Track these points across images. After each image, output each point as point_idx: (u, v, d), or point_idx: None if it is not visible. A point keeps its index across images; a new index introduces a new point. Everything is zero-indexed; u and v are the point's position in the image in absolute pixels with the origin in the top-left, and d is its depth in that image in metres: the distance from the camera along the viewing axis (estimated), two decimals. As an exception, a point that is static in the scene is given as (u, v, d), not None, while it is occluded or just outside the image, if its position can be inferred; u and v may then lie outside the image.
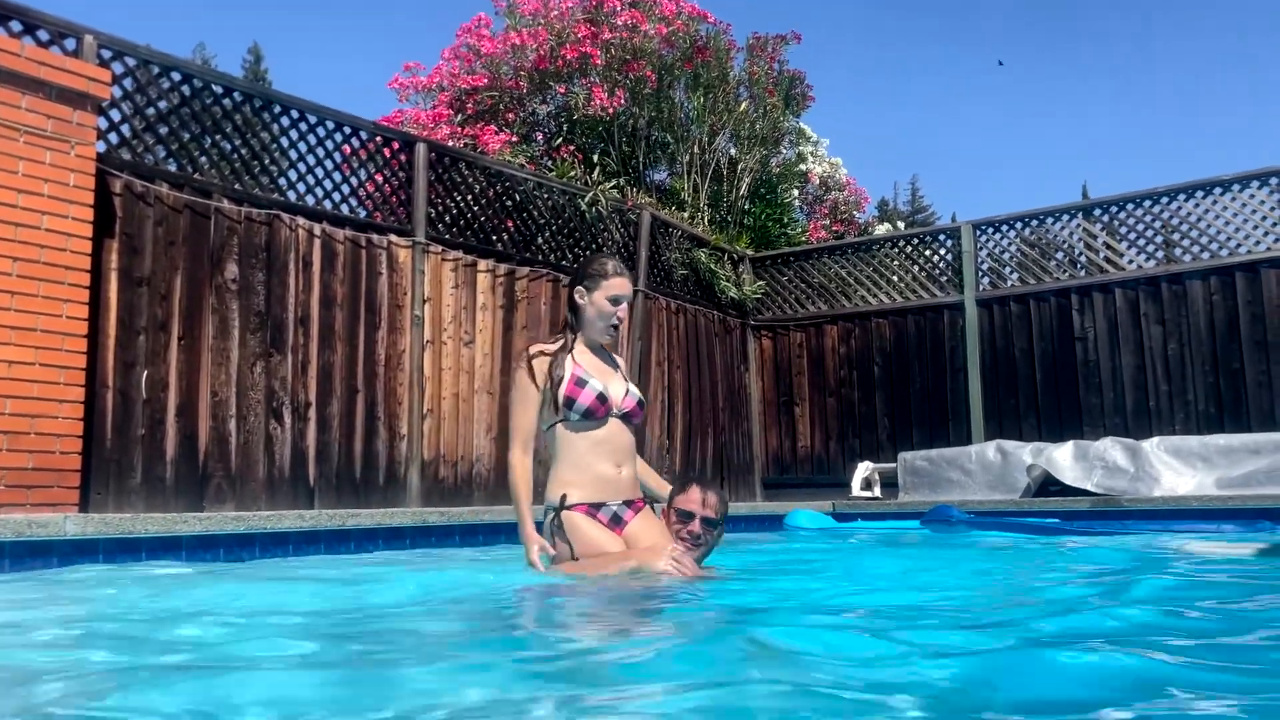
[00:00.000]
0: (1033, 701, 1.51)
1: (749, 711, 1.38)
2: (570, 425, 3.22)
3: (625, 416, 3.29)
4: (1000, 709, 1.48)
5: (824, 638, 2.05)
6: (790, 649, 1.91)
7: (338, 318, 6.03)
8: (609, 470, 3.23)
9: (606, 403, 3.22)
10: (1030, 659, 1.83)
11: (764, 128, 10.84)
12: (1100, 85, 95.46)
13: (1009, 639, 2.07)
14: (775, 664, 1.78)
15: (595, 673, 1.76)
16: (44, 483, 4.33)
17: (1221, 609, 2.61)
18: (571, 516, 3.19)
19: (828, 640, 2.01)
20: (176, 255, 5.25)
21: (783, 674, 1.65)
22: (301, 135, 6.06)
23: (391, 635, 2.22)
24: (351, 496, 5.95)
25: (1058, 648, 1.88)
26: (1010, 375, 8.60)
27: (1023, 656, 1.87)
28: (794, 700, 1.44)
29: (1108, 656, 1.72)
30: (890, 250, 9.54)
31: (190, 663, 1.83)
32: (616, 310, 3.31)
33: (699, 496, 3.22)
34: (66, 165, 4.56)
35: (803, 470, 9.58)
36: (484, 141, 8.84)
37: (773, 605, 2.80)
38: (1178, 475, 6.85)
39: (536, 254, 7.53)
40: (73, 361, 4.52)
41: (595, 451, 3.22)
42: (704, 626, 2.39)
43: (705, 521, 3.20)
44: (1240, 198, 7.82)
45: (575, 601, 2.77)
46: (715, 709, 1.44)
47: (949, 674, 1.70)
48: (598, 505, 3.22)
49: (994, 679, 1.68)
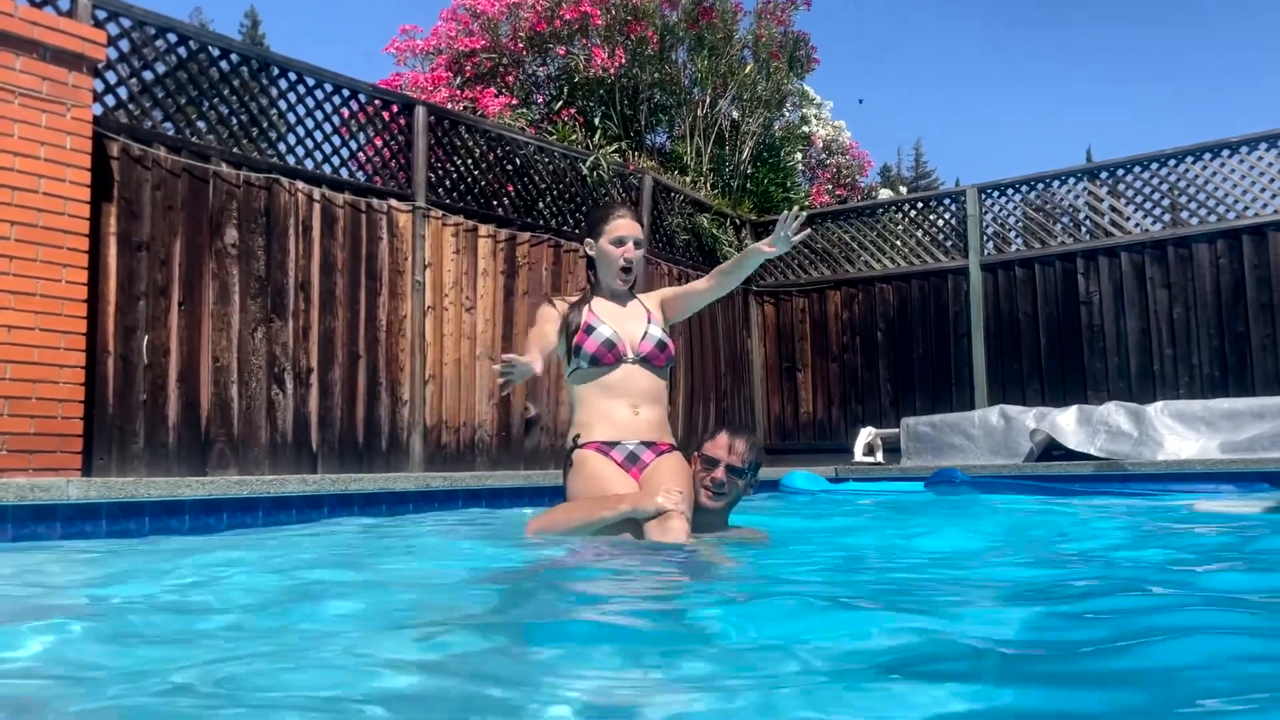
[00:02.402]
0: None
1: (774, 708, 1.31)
2: (584, 372, 3.24)
3: (644, 360, 3.25)
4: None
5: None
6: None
7: (338, 283, 6.00)
8: (624, 413, 3.19)
9: (615, 348, 3.21)
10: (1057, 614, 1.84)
11: (768, 90, 10.72)
12: (1106, 49, 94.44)
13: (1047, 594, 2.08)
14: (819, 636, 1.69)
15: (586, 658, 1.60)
16: (46, 448, 4.33)
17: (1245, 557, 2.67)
18: (582, 454, 3.14)
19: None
20: (175, 220, 5.21)
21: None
22: (300, 98, 5.99)
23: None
24: (354, 462, 5.95)
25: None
26: (1014, 340, 8.57)
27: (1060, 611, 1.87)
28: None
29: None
30: (894, 215, 9.47)
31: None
32: (622, 251, 3.32)
33: (726, 442, 3.08)
34: (63, 128, 4.50)
35: (805, 436, 9.58)
36: (484, 104, 8.75)
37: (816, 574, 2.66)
38: (1181, 439, 6.83)
39: (538, 219, 7.48)
40: (73, 326, 4.50)
41: (609, 395, 3.21)
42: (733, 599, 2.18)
43: (730, 469, 3.04)
44: (1248, 160, 7.74)
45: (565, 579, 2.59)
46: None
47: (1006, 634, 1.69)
48: (611, 444, 3.15)
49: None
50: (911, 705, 1.23)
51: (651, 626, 1.82)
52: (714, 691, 1.30)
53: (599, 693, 1.31)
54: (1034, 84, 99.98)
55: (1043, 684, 1.33)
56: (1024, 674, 1.40)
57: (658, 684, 1.36)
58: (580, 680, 1.36)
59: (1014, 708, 1.25)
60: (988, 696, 1.27)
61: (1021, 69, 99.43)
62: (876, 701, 1.26)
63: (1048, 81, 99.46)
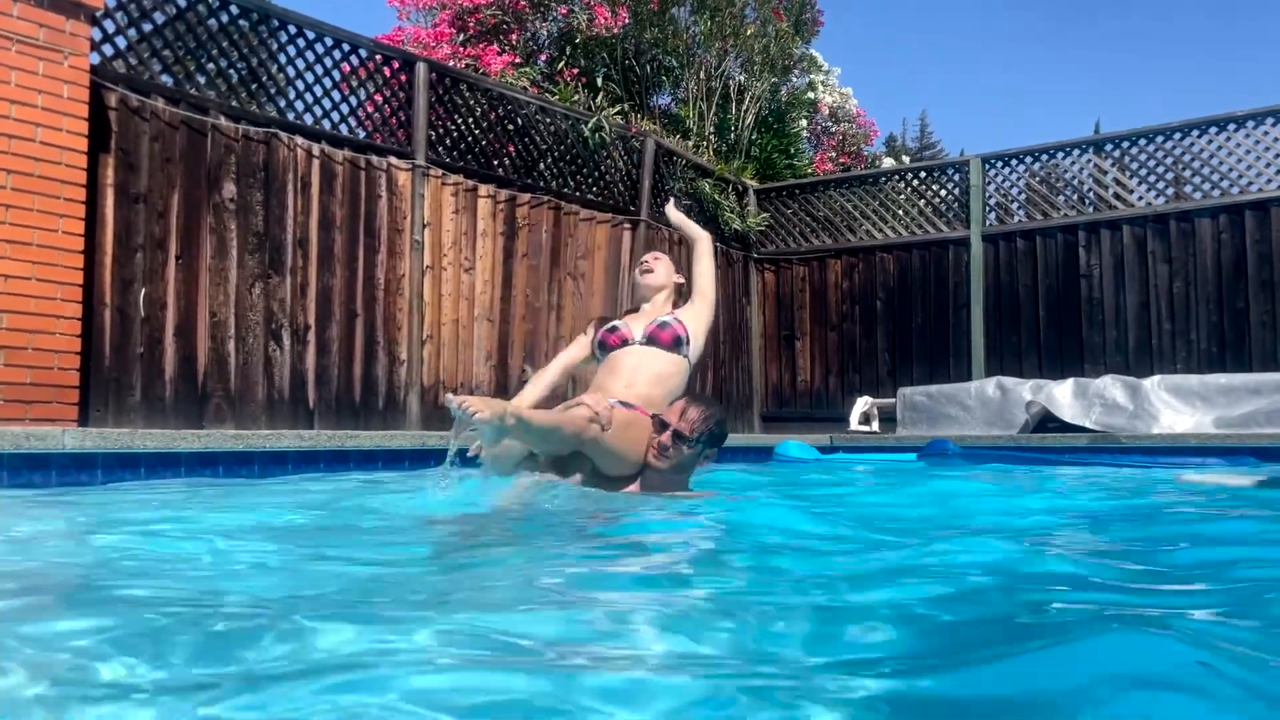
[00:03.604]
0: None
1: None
2: (598, 362, 3.64)
3: (651, 340, 3.55)
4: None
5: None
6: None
7: (337, 240, 5.97)
8: (617, 386, 3.41)
9: (618, 331, 3.59)
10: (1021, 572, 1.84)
11: (775, 53, 10.60)
12: (1116, 22, 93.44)
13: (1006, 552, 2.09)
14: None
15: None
16: (43, 398, 4.33)
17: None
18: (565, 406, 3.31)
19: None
20: (173, 172, 5.18)
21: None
22: (299, 52, 5.93)
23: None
24: (351, 420, 5.96)
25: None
26: (1013, 312, 8.56)
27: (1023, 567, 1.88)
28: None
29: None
30: (897, 184, 9.42)
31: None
32: (640, 269, 3.83)
33: (680, 409, 3.20)
34: (60, 76, 4.46)
35: (802, 404, 9.59)
36: (486, 62, 8.66)
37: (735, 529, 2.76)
38: (1176, 414, 6.85)
39: (538, 180, 7.43)
40: (70, 278, 4.48)
41: (610, 373, 3.51)
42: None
43: (676, 435, 3.13)
44: (1254, 134, 7.68)
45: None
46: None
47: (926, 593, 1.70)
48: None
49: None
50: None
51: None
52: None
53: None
54: (1043, 56, 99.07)
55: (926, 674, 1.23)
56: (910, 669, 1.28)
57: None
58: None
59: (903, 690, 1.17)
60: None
61: (1031, 41, 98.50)
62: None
63: (1058, 54, 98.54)
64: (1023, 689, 1.07)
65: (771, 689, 1.08)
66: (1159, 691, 1.00)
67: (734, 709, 1.01)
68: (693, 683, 1.11)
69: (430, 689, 1.04)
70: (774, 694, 1.05)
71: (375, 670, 1.12)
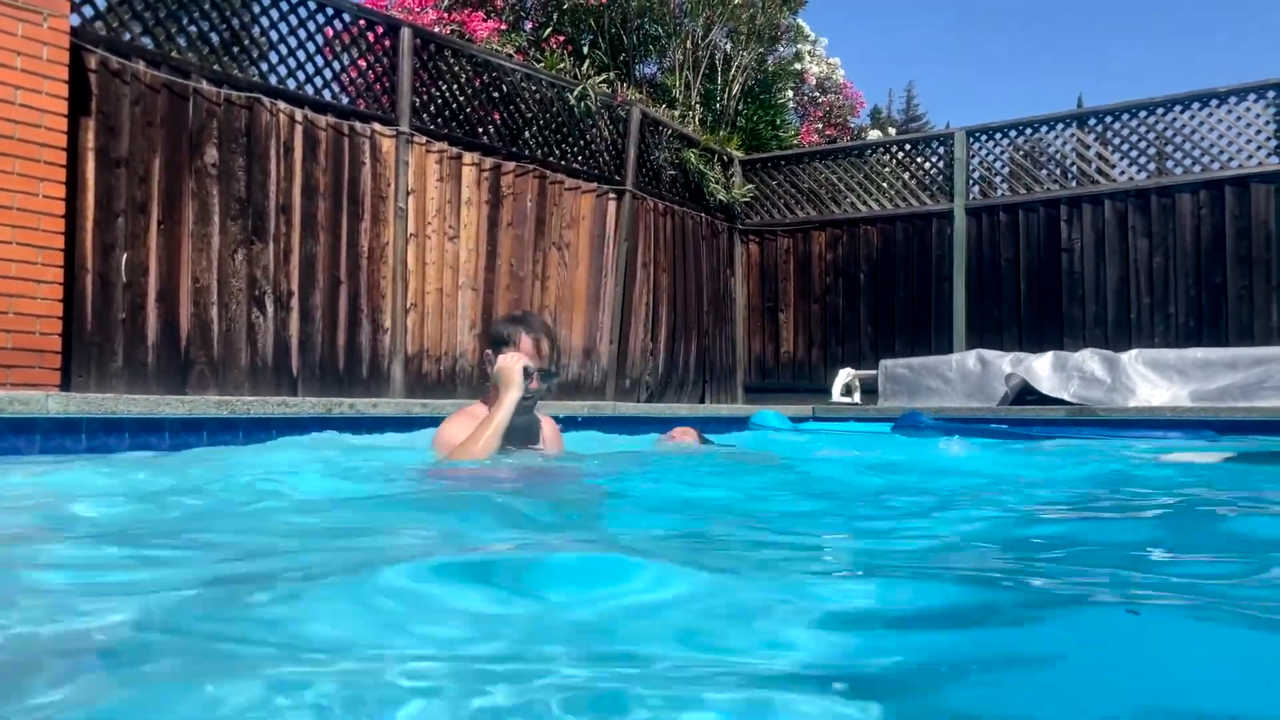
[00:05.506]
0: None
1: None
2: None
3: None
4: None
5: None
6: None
7: (320, 207, 5.95)
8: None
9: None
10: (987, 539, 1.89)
11: (762, 23, 10.55)
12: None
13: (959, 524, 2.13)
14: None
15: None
16: (24, 363, 4.32)
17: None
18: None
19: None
20: (155, 136, 5.13)
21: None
22: (282, 15, 5.86)
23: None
24: (335, 388, 5.96)
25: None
26: (995, 285, 8.62)
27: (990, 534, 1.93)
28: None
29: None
30: (882, 156, 9.44)
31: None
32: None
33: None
34: (39, 38, 4.40)
35: (784, 375, 9.66)
36: (472, 28, 8.58)
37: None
38: (1153, 387, 6.94)
39: (523, 148, 7.41)
40: (50, 242, 4.45)
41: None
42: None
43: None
44: (1236, 110, 7.73)
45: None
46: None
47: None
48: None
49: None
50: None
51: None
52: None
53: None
54: (1031, 29, 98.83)
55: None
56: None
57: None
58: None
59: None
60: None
61: (1019, 13, 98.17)
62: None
63: (1045, 25, 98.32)
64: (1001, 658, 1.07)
65: (725, 675, 1.01)
66: (1141, 662, 1.02)
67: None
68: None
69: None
70: (730, 679, 0.99)
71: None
